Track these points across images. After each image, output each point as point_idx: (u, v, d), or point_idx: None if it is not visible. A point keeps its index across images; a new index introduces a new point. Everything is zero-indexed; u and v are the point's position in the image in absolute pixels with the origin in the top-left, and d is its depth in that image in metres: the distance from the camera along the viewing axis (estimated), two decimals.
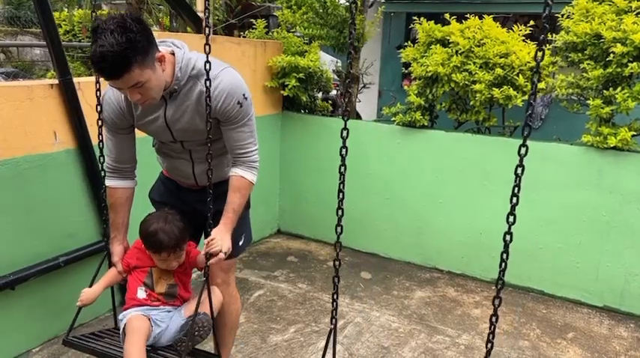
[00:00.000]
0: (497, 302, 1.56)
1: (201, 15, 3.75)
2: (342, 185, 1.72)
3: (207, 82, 1.82)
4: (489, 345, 1.60)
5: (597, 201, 3.26)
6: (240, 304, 2.43)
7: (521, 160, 1.42)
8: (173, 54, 1.87)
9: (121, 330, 2.03)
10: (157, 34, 3.42)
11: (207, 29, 1.82)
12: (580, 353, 2.92)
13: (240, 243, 2.26)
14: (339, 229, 1.70)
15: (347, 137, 1.71)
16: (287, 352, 2.81)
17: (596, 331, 3.14)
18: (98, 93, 2.08)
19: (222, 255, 1.90)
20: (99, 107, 2.03)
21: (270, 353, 2.79)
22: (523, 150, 1.42)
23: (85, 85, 2.74)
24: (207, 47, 1.78)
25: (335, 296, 1.74)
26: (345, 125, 1.68)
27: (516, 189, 1.44)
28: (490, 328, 1.57)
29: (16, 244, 2.56)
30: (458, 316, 3.25)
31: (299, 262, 3.93)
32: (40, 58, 13.35)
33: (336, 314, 1.74)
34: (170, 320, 2.06)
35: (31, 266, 2.58)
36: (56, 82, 2.62)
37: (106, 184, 2.11)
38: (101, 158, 2.12)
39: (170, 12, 5.43)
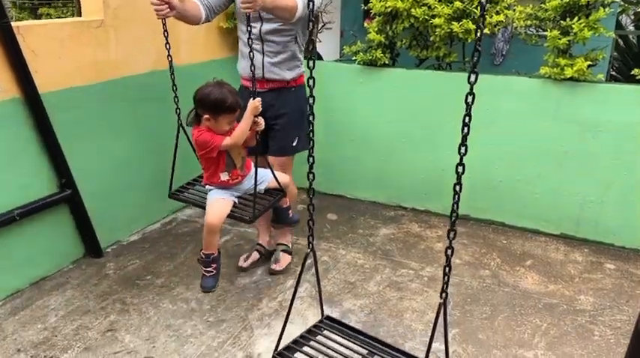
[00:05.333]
0: (452, 234, 1.59)
1: None
2: (311, 133, 1.74)
3: None
4: (445, 278, 1.64)
5: (555, 132, 3.32)
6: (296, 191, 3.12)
7: (471, 88, 1.42)
8: None
9: (208, 203, 2.53)
10: None
11: None
12: (537, 278, 3.05)
13: (294, 144, 2.85)
14: (311, 176, 1.73)
15: (314, 86, 1.70)
16: (255, 292, 2.85)
17: (552, 257, 3.28)
18: None
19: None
20: None
21: (239, 295, 2.82)
22: (473, 77, 1.41)
23: (26, 29, 2.59)
24: None
25: (311, 238, 1.82)
26: (311, 74, 1.66)
27: (467, 118, 1.44)
28: (446, 262, 1.60)
29: None
30: (421, 250, 3.34)
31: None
32: None
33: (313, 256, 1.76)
34: (243, 185, 2.62)
35: None
36: None
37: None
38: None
39: None
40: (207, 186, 2.62)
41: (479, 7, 3.35)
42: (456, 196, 1.54)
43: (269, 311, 2.68)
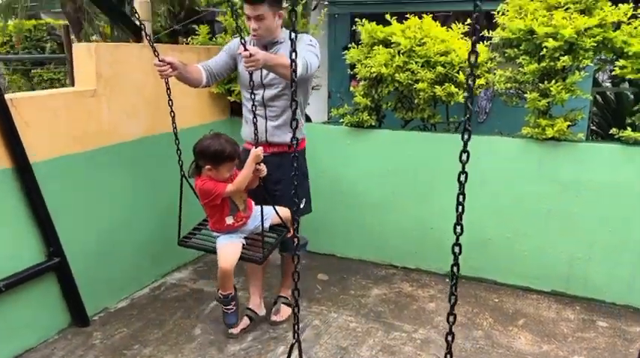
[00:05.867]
0: (452, 299, 1.54)
1: (140, 23, 3.66)
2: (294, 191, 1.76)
3: None
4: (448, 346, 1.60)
5: (539, 191, 3.38)
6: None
7: (463, 167, 1.45)
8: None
9: (219, 249, 2.69)
10: (99, 43, 3.33)
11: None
12: (530, 338, 3.02)
13: (302, 206, 2.97)
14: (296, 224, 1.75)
15: (296, 127, 1.73)
16: None
17: (545, 316, 3.26)
18: None
19: (249, 54, 2.42)
20: None
21: None
22: (464, 156, 1.44)
23: (19, 101, 2.64)
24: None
25: (296, 299, 1.78)
26: (294, 116, 1.69)
27: (461, 197, 1.47)
28: (449, 329, 1.56)
29: None
30: (414, 311, 3.31)
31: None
32: None
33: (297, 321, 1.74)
34: (248, 226, 2.78)
35: None
36: None
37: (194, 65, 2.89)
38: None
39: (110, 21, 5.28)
40: (214, 233, 2.78)
41: (460, 72, 3.49)
42: (455, 258, 1.54)
43: None
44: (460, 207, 1.47)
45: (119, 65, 3.19)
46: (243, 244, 2.75)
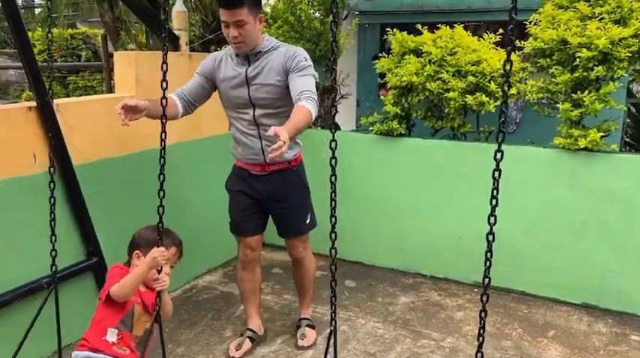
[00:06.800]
0: (485, 298, 1.59)
1: (177, 33, 3.78)
2: (333, 194, 1.83)
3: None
4: (480, 338, 1.62)
5: (572, 201, 3.35)
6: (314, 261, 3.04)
7: (497, 165, 1.48)
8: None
9: None
10: (138, 51, 3.45)
11: None
12: (561, 350, 2.99)
13: (307, 222, 2.85)
14: (333, 235, 1.82)
15: (336, 148, 1.81)
16: None
17: (576, 328, 3.22)
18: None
19: (281, 143, 2.10)
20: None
21: None
22: (499, 155, 1.47)
23: (64, 106, 2.76)
24: None
25: (333, 300, 1.88)
26: (333, 137, 1.77)
27: (495, 192, 1.50)
28: (480, 323, 1.59)
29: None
30: (442, 320, 3.31)
31: (284, 273, 3.95)
32: (15, 79, 13.21)
33: (335, 316, 1.80)
34: None
35: (14, 289, 2.57)
36: (34, 104, 2.64)
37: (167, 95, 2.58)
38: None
39: (146, 30, 5.45)
40: (75, 354, 2.02)
41: (491, 82, 3.50)
42: (487, 263, 1.58)
43: None
44: (494, 204, 1.49)
45: (157, 73, 3.27)
46: None
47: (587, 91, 3.22)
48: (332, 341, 1.76)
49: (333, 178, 1.82)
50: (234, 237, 2.97)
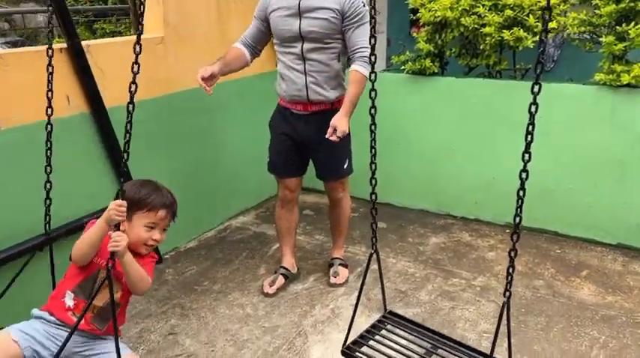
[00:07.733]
0: (515, 237, 1.59)
1: None
2: (373, 141, 1.83)
3: None
4: (509, 277, 1.64)
5: (611, 140, 3.24)
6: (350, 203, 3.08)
7: (534, 98, 1.42)
8: None
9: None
10: None
11: None
12: (594, 289, 2.98)
13: (345, 166, 2.85)
14: (373, 181, 1.94)
15: (375, 97, 1.78)
16: (307, 299, 2.91)
17: (610, 268, 3.20)
18: None
19: (340, 134, 2.47)
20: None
21: (292, 301, 2.89)
22: (536, 88, 1.42)
23: (94, 48, 2.75)
24: None
25: (374, 226, 2.08)
26: (373, 86, 1.74)
27: (530, 127, 1.46)
28: (510, 262, 1.60)
29: (38, 208, 2.63)
30: (473, 260, 3.32)
31: (315, 215, 4.00)
32: (45, 25, 13.25)
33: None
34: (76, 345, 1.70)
35: (57, 228, 2.66)
36: (64, 46, 2.63)
37: (233, 45, 2.78)
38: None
39: None
40: (33, 312, 1.81)
41: (530, 15, 3.33)
42: (520, 201, 1.56)
43: (322, 318, 2.74)
44: (529, 140, 1.46)
45: (185, 14, 3.24)
46: (16, 341, 1.68)
47: (632, 23, 3.04)
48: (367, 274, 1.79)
49: (372, 127, 1.83)
50: (274, 176, 3.00)
